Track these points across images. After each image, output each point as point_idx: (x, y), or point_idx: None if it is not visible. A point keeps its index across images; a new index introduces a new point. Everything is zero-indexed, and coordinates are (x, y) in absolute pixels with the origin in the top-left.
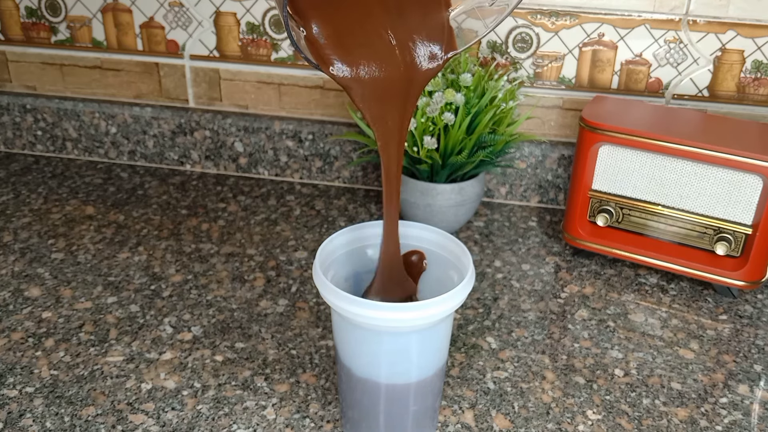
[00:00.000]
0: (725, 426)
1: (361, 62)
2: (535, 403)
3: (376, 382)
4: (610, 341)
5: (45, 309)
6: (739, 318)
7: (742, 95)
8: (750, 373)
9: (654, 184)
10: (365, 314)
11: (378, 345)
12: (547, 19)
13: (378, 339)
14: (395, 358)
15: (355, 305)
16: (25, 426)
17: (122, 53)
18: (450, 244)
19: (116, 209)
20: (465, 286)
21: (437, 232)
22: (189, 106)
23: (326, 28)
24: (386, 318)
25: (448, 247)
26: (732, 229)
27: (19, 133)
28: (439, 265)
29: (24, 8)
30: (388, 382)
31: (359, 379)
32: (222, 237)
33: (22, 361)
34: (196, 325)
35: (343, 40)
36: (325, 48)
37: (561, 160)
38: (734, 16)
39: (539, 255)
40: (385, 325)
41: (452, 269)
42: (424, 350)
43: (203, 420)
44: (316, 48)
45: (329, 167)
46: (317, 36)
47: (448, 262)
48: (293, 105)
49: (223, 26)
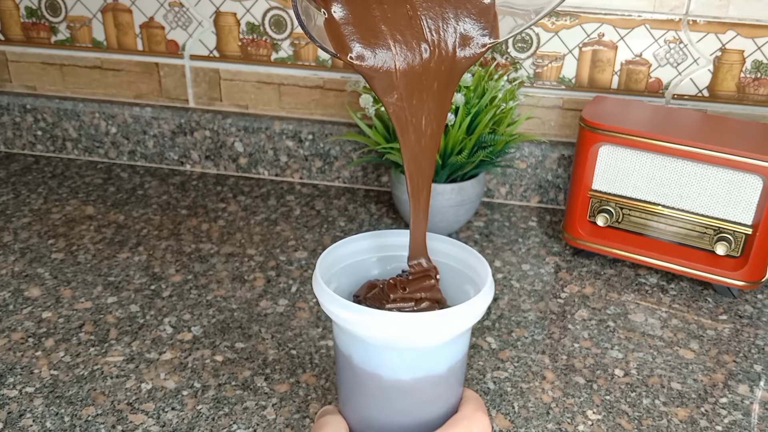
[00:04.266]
0: (725, 426)
1: (388, 47)
2: (535, 403)
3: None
4: (610, 341)
5: (45, 309)
6: (739, 318)
7: (742, 95)
8: (750, 373)
9: (654, 184)
10: (368, 324)
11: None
12: (547, 19)
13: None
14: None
15: (358, 313)
16: (25, 426)
17: (122, 53)
18: (465, 254)
19: (116, 209)
20: (482, 297)
21: (450, 242)
22: (189, 106)
23: (352, 7)
24: (390, 331)
25: (463, 258)
26: (732, 229)
27: (19, 133)
28: (452, 280)
29: (24, 8)
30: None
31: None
32: (222, 237)
33: (22, 361)
34: (196, 325)
35: (369, 21)
36: (348, 31)
37: (561, 160)
38: (734, 16)
39: (539, 255)
40: (389, 338)
41: (468, 283)
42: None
43: (203, 420)
44: (337, 31)
45: (329, 167)
46: (341, 18)
47: (462, 275)
48: (293, 105)
49: (223, 26)
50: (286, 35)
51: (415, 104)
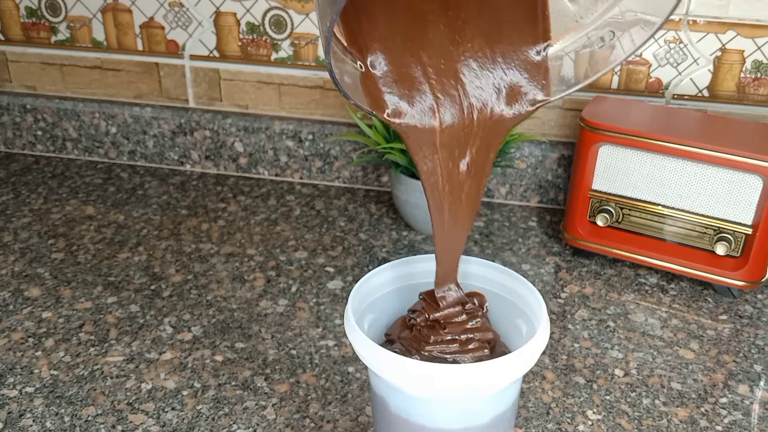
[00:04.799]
0: (725, 426)
1: (429, 104)
2: (535, 403)
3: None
4: (610, 341)
5: (45, 309)
6: (739, 318)
7: (742, 95)
8: (750, 373)
9: (654, 184)
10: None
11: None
12: None
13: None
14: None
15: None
16: (25, 426)
17: (122, 53)
18: (514, 283)
19: (116, 209)
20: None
21: (500, 269)
22: (189, 106)
23: (390, 59)
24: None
25: (513, 287)
26: (732, 229)
27: (19, 133)
28: (501, 311)
29: (24, 8)
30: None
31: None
32: (222, 237)
33: (22, 361)
34: (196, 325)
35: (408, 74)
36: (385, 86)
37: (561, 160)
38: (734, 16)
39: (539, 255)
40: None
41: (520, 316)
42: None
43: (203, 420)
44: (373, 86)
45: (329, 167)
46: (378, 72)
47: (512, 307)
48: (293, 105)
49: (223, 26)
50: (286, 35)
51: (451, 168)
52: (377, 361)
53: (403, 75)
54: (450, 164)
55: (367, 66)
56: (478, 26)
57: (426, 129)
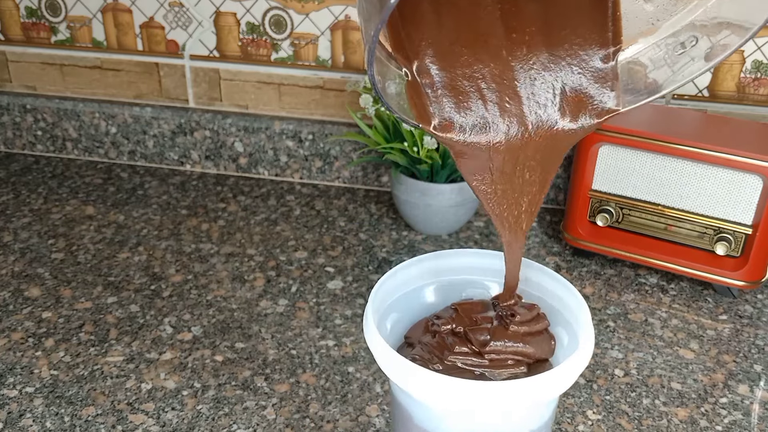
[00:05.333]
0: (725, 426)
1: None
2: None
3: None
4: (610, 341)
5: (45, 309)
6: (739, 318)
7: (742, 95)
8: (750, 373)
9: (654, 184)
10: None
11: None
12: None
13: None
14: None
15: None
16: (25, 426)
17: (122, 53)
18: (557, 286)
19: (116, 209)
20: (581, 356)
21: (541, 269)
22: (189, 106)
23: (440, 65)
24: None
25: (555, 291)
26: (732, 229)
27: (19, 133)
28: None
29: (24, 8)
30: None
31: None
32: (222, 237)
33: (22, 361)
34: (196, 325)
35: (458, 83)
36: (433, 95)
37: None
38: None
39: (539, 255)
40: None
41: (560, 324)
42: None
43: (203, 420)
44: (419, 96)
45: (329, 167)
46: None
47: (553, 312)
48: (293, 105)
49: (223, 26)
50: (286, 35)
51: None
52: (400, 375)
53: (453, 83)
54: (504, 188)
55: (414, 73)
56: (540, 29)
57: (477, 144)
